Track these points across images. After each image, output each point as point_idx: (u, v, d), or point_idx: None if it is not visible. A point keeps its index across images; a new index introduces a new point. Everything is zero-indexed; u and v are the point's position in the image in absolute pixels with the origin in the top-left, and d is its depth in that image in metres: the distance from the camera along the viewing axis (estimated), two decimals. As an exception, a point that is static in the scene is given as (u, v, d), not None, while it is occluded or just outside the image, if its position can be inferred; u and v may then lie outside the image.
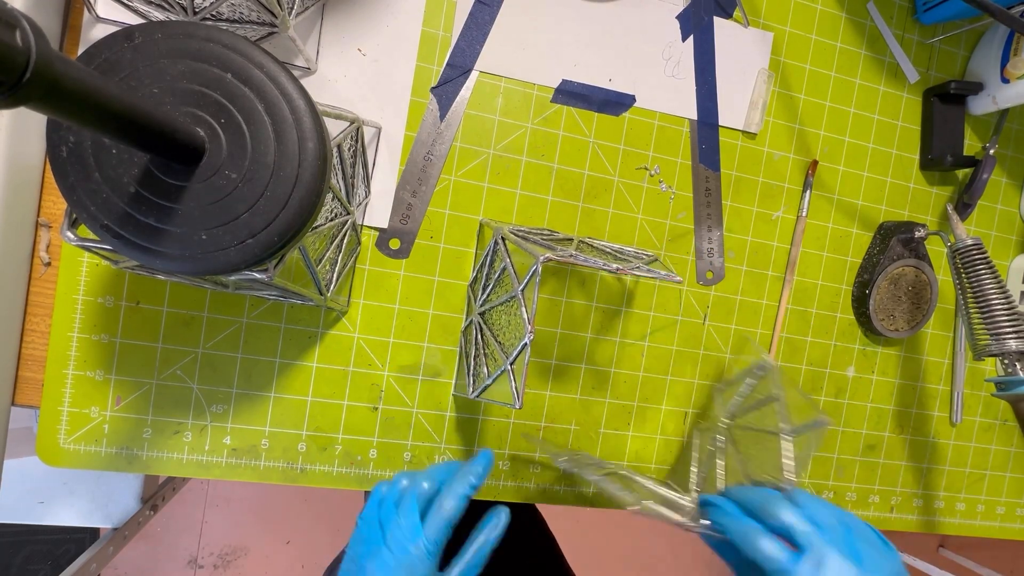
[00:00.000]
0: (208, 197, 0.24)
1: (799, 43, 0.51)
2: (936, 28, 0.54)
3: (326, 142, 0.26)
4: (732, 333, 0.51)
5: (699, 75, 0.49)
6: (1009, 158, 0.57)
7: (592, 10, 0.47)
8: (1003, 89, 0.51)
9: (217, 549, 1.27)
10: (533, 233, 0.43)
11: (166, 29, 0.24)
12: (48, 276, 0.41)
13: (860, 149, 0.53)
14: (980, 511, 0.59)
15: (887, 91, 0.53)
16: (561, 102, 0.47)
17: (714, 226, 0.50)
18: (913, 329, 0.54)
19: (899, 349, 0.55)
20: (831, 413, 0.54)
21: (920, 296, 0.54)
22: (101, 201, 0.24)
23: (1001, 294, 0.44)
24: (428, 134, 0.45)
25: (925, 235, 0.51)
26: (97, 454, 0.42)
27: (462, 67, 0.45)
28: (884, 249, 0.52)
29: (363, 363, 0.45)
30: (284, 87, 0.25)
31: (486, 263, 0.43)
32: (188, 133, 0.23)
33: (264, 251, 0.25)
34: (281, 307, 0.43)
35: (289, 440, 0.44)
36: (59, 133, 0.23)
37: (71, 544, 0.99)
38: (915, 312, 0.54)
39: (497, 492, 0.48)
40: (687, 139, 0.50)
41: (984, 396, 0.57)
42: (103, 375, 0.41)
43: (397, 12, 0.44)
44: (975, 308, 0.45)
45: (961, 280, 0.47)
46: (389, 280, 0.45)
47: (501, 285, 0.41)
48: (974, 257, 0.45)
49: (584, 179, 0.48)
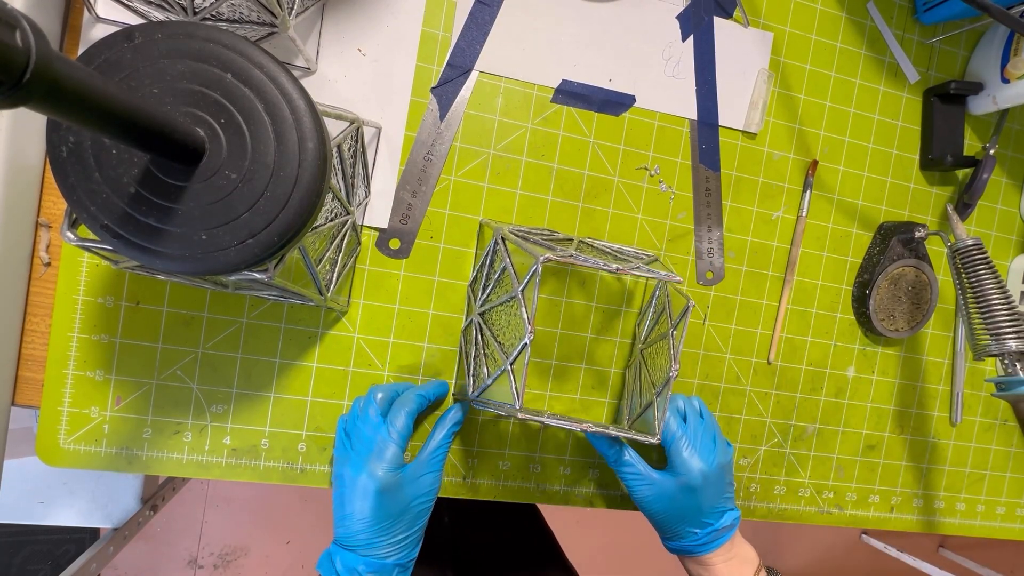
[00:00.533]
0: (208, 197, 0.24)
1: (799, 43, 0.51)
2: (936, 28, 0.54)
3: (326, 142, 0.26)
4: (732, 333, 0.51)
5: (699, 75, 0.49)
6: (1009, 158, 0.57)
7: (592, 10, 0.47)
8: (1003, 89, 0.51)
9: (217, 549, 1.27)
10: (533, 233, 0.43)
11: (166, 29, 0.24)
12: (48, 276, 0.41)
13: (860, 149, 0.53)
14: (980, 511, 0.59)
15: (887, 91, 0.53)
16: (561, 102, 0.47)
17: (714, 226, 0.50)
18: (913, 329, 0.54)
19: (899, 349, 0.55)
20: (832, 413, 0.54)
21: (920, 296, 0.54)
22: (101, 201, 0.24)
23: (1001, 294, 0.44)
24: (428, 134, 0.45)
25: (925, 235, 0.51)
26: (97, 454, 0.42)
27: (462, 67, 0.45)
28: (884, 249, 0.52)
29: (363, 363, 0.45)
30: (284, 87, 0.25)
31: (486, 263, 0.43)
32: (188, 133, 0.23)
33: (264, 251, 0.25)
34: (281, 307, 0.43)
35: (289, 440, 0.44)
36: (59, 133, 0.23)
37: (71, 544, 0.99)
38: (915, 312, 0.54)
39: (497, 492, 0.48)
40: (687, 139, 0.50)
41: (984, 396, 0.57)
42: (103, 375, 0.41)
43: (397, 12, 0.44)
44: (975, 308, 0.45)
45: (961, 280, 0.47)
46: (389, 280, 0.45)
47: (501, 285, 0.41)
48: (974, 257, 0.45)
49: (584, 179, 0.48)
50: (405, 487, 0.38)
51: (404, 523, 0.38)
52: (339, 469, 0.39)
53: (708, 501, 0.41)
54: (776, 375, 0.52)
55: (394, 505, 0.37)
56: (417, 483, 0.39)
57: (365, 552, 0.37)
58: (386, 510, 0.37)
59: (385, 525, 0.37)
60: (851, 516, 0.55)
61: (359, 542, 0.37)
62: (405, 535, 0.38)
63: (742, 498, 0.53)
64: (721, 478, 0.42)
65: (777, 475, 0.53)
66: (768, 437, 0.53)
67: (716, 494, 0.42)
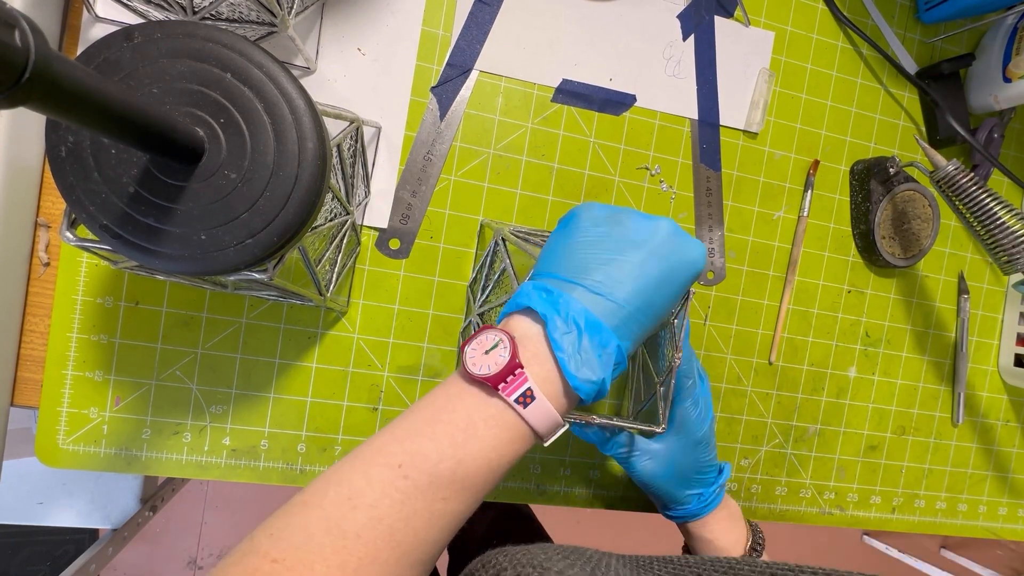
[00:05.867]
0: (207, 197, 0.24)
1: (800, 42, 0.51)
2: (938, 27, 0.54)
3: (326, 142, 0.26)
4: (733, 334, 0.51)
5: (700, 74, 0.49)
6: (1012, 157, 0.56)
7: (593, 9, 0.47)
8: (1005, 88, 0.51)
9: (216, 550, 1.27)
10: (534, 234, 0.43)
11: (165, 29, 0.24)
12: (47, 276, 0.41)
13: (862, 149, 0.53)
14: (982, 512, 0.58)
15: (889, 90, 0.53)
16: (561, 102, 0.47)
17: (715, 226, 0.50)
18: (932, 238, 0.52)
19: (901, 349, 0.55)
20: (833, 414, 0.54)
21: (921, 216, 0.53)
22: (100, 201, 0.24)
23: (1004, 206, 0.43)
24: (428, 134, 0.45)
25: (899, 167, 0.49)
26: (96, 455, 0.41)
27: (462, 66, 0.45)
28: (867, 195, 0.51)
29: (363, 363, 0.45)
30: (284, 87, 0.25)
31: (486, 264, 0.43)
32: (187, 133, 0.23)
33: (263, 251, 0.25)
34: (280, 307, 0.43)
35: (288, 441, 0.44)
36: (58, 133, 0.23)
37: (70, 545, 0.99)
38: (924, 228, 0.52)
39: (497, 493, 0.48)
40: (688, 139, 0.49)
41: (986, 397, 0.57)
42: (102, 376, 0.41)
43: (397, 11, 0.44)
44: (983, 228, 0.44)
45: (957, 207, 0.45)
46: (389, 280, 0.45)
47: (501, 286, 0.41)
48: (960, 182, 0.44)
49: (584, 179, 0.48)
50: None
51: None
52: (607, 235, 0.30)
53: (706, 457, 0.41)
54: (777, 376, 0.52)
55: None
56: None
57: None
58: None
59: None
60: (852, 517, 0.55)
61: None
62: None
63: (743, 499, 0.52)
64: (714, 434, 0.42)
65: (778, 476, 0.53)
66: (769, 438, 0.53)
67: (711, 450, 0.42)
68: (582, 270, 0.28)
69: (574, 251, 0.29)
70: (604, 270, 0.28)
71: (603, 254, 0.28)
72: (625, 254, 0.28)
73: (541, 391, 0.26)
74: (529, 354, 0.27)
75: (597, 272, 0.28)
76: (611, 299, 0.27)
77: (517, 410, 0.26)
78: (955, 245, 0.56)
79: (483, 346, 0.27)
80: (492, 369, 0.26)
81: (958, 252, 0.56)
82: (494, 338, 0.27)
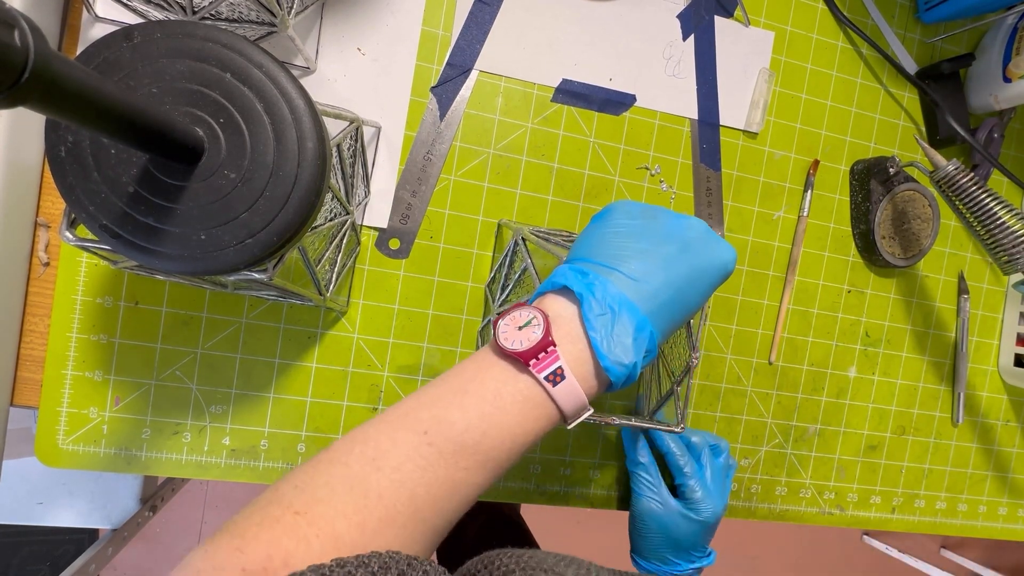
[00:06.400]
0: (207, 197, 0.24)
1: (800, 42, 0.51)
2: (938, 27, 0.54)
3: (325, 142, 0.26)
4: (733, 333, 0.51)
5: (700, 74, 0.49)
6: (1012, 157, 0.56)
7: (592, 9, 0.47)
8: (1005, 88, 0.51)
9: (217, 549, 1.27)
10: (554, 234, 0.43)
11: (165, 28, 0.24)
12: (47, 276, 0.41)
13: (862, 149, 0.53)
14: (982, 512, 0.58)
15: (889, 90, 0.53)
16: (561, 101, 0.47)
17: (715, 226, 0.50)
18: (932, 238, 0.52)
19: (901, 349, 0.55)
20: (833, 414, 0.54)
21: (921, 216, 0.53)
22: (100, 201, 0.24)
23: (1004, 206, 0.43)
24: (428, 134, 0.45)
25: (898, 167, 0.49)
26: (96, 455, 0.41)
27: (462, 66, 0.45)
28: (867, 195, 0.51)
29: (363, 363, 0.45)
30: (283, 87, 0.25)
31: (505, 264, 0.43)
32: (187, 133, 0.23)
33: (263, 251, 0.25)
34: (280, 307, 0.43)
35: (288, 441, 0.44)
36: (58, 133, 0.23)
37: (70, 545, 0.99)
38: (924, 228, 0.52)
39: (496, 492, 0.48)
40: (688, 139, 0.49)
41: (986, 397, 0.57)
42: (102, 375, 0.41)
43: (397, 11, 0.44)
44: (983, 228, 0.44)
45: (956, 206, 0.45)
46: (389, 280, 0.45)
47: (522, 286, 0.41)
48: (960, 181, 0.44)
49: (584, 179, 0.48)
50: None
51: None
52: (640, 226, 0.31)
53: (704, 539, 0.43)
54: (777, 376, 0.52)
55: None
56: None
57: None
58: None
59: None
60: (852, 517, 0.55)
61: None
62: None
63: (743, 499, 0.52)
64: (719, 521, 0.44)
65: (778, 476, 0.53)
66: (769, 438, 0.53)
67: (712, 534, 0.43)
68: (618, 257, 0.28)
69: (610, 240, 0.29)
70: (639, 259, 0.28)
71: (638, 244, 0.28)
72: (660, 246, 0.28)
73: (572, 371, 0.26)
74: (562, 333, 0.27)
75: (633, 260, 0.28)
76: (646, 286, 0.27)
77: (546, 388, 0.26)
78: (955, 245, 0.56)
79: (516, 322, 0.27)
80: (524, 345, 0.26)
81: (958, 252, 0.56)
82: (528, 315, 0.27)
